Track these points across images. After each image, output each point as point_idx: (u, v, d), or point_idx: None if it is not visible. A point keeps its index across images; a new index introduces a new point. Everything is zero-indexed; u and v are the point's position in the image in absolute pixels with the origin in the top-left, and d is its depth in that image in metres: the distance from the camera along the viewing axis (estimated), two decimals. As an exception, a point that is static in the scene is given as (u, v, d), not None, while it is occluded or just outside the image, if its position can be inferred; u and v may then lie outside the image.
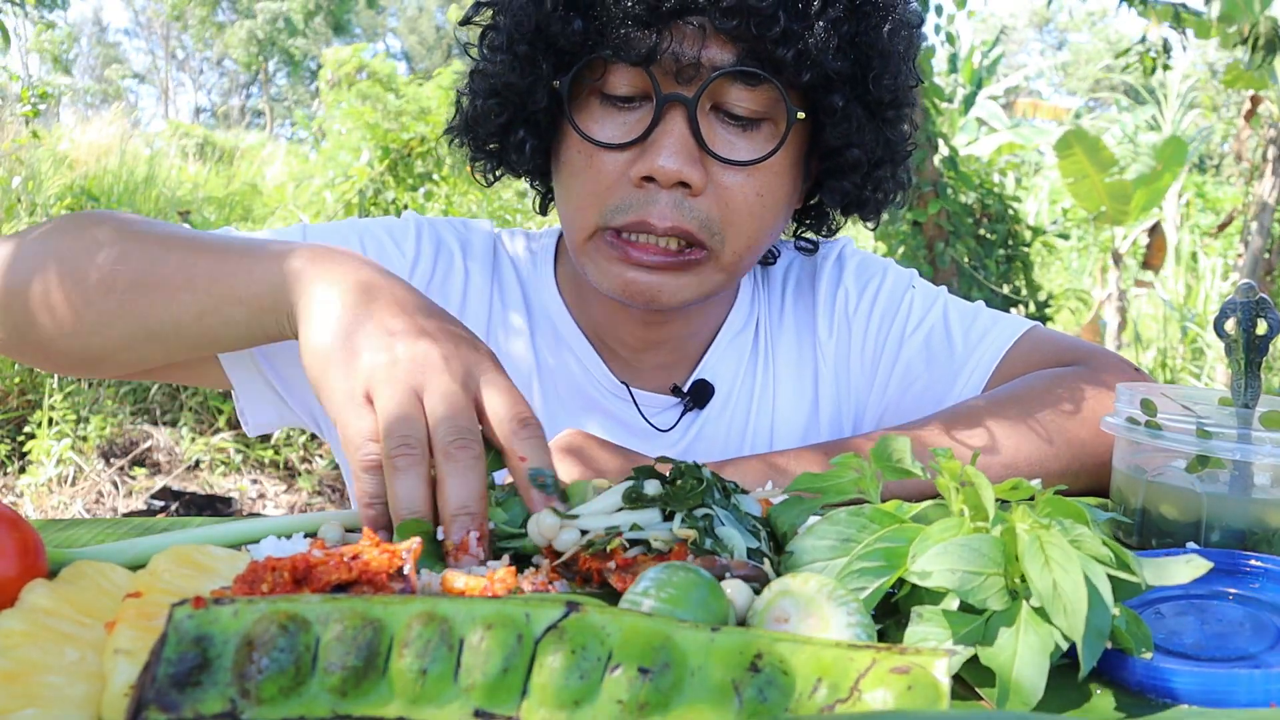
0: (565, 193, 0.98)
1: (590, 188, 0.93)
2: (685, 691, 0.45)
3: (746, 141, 0.92)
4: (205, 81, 38.06)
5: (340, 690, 0.43)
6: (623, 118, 0.92)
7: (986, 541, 0.53)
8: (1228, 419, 0.75)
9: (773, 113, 0.92)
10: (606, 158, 0.92)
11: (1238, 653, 0.56)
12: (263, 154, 11.62)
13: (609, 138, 0.92)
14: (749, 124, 0.92)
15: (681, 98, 0.88)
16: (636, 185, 0.91)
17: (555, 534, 0.62)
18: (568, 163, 0.96)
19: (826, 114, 0.93)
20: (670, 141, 0.88)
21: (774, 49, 0.87)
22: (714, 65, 0.88)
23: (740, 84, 0.89)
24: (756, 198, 0.93)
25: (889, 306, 1.12)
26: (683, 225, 0.91)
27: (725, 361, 1.11)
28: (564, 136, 0.96)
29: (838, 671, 0.45)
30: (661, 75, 0.88)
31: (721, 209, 0.92)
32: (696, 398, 1.09)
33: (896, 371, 1.10)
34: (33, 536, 0.56)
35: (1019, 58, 31.44)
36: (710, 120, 0.91)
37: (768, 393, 1.11)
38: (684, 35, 0.87)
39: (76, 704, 0.44)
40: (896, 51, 0.94)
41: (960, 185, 6.17)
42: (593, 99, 0.93)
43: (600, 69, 0.91)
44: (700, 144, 0.90)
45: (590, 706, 0.44)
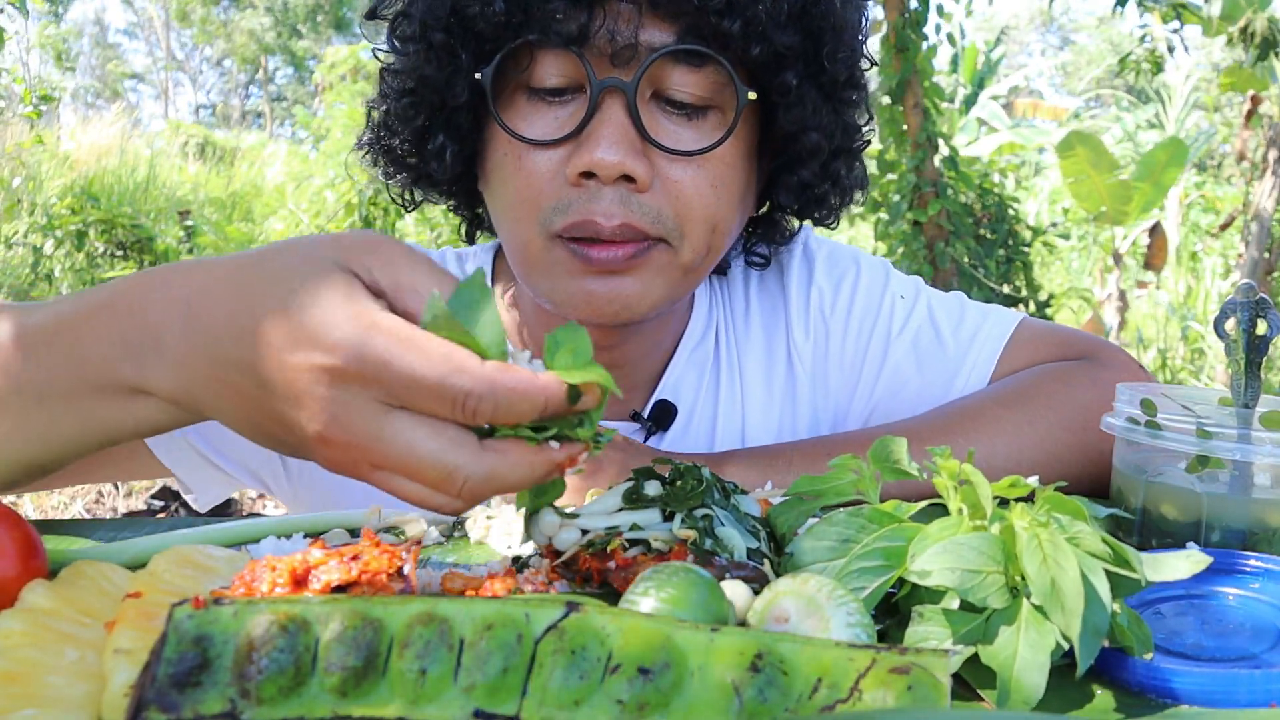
0: (497, 204, 0.89)
1: (523, 193, 0.84)
2: (685, 692, 0.45)
3: (693, 131, 0.84)
4: (205, 81, 38.09)
5: (340, 690, 0.43)
6: (554, 112, 0.83)
7: (985, 540, 0.53)
8: (1228, 419, 0.75)
9: (719, 99, 0.84)
10: (539, 157, 0.83)
11: (1238, 653, 0.56)
12: (263, 154, 11.62)
13: (540, 134, 0.83)
14: (694, 112, 0.84)
15: (619, 83, 0.80)
16: (574, 184, 0.82)
17: (555, 533, 0.62)
18: (496, 168, 0.87)
19: (779, 94, 0.85)
20: (609, 131, 0.80)
21: (718, 22, 0.79)
22: (652, 46, 0.80)
23: (683, 65, 0.81)
24: (711, 190, 0.85)
25: (868, 306, 1.06)
26: (632, 222, 0.82)
27: (686, 377, 1.04)
28: (490, 139, 0.87)
29: (838, 672, 0.45)
30: (595, 59, 0.80)
31: (673, 203, 0.84)
32: (658, 420, 1.01)
33: (884, 375, 1.05)
34: (32, 536, 0.56)
35: (1020, 58, 31.47)
36: (652, 109, 0.83)
37: (734, 403, 1.04)
38: (618, 14, 0.80)
39: (76, 704, 0.44)
40: (850, 24, 0.88)
41: (960, 185, 6.17)
42: (519, 94, 0.84)
43: (526, 58, 0.82)
44: (642, 133, 0.81)
45: (590, 707, 0.44)
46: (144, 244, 6.07)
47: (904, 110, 5.79)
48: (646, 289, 0.86)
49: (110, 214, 5.97)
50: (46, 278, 5.83)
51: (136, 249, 6.04)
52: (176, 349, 0.58)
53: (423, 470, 0.51)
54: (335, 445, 0.52)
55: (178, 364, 0.58)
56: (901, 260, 6.05)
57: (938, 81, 6.01)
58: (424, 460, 0.51)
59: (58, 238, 5.90)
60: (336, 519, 0.74)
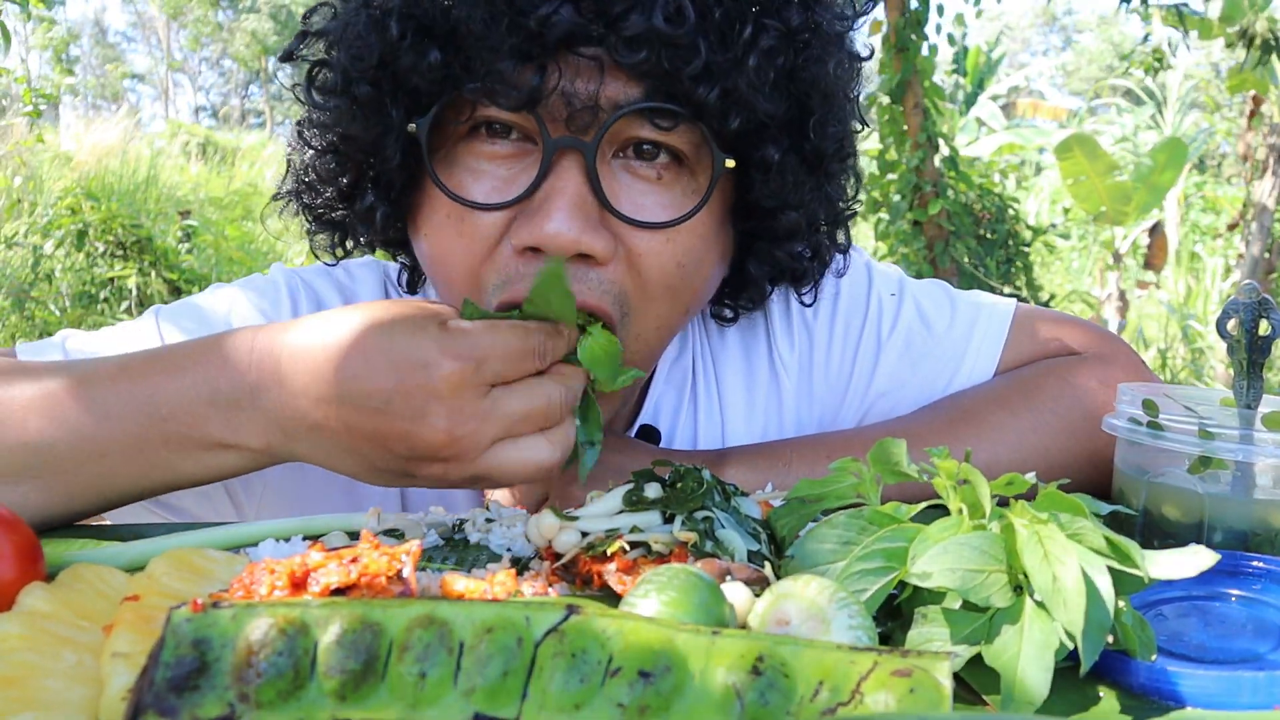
0: (432, 267, 0.79)
1: (460, 259, 0.75)
2: (686, 695, 0.44)
3: (660, 193, 0.74)
4: (204, 81, 38.09)
5: (339, 694, 0.43)
6: (499, 169, 0.74)
7: (986, 539, 0.53)
8: (1230, 420, 0.75)
9: (691, 153, 0.75)
10: (482, 219, 0.73)
11: (1241, 655, 0.55)
12: (263, 154, 11.62)
13: (483, 194, 0.73)
14: (659, 177, 0.75)
15: (576, 144, 0.70)
16: (521, 256, 0.73)
17: (555, 535, 0.62)
18: (432, 230, 0.77)
19: (759, 169, 0.76)
20: (563, 201, 0.70)
21: (693, 88, 0.69)
22: (616, 103, 0.71)
23: (650, 125, 0.72)
24: (676, 267, 0.75)
25: (853, 310, 1.00)
26: (589, 302, 0.72)
27: (665, 400, 0.99)
28: (423, 194, 0.78)
29: (839, 675, 0.45)
30: (549, 116, 0.71)
31: (633, 277, 0.74)
32: None
33: (878, 378, 1.00)
34: (31, 539, 0.56)
35: (1022, 57, 31.45)
36: (614, 168, 0.74)
37: (714, 419, 0.99)
38: (576, 70, 0.70)
39: (74, 708, 0.44)
40: (841, 91, 0.79)
41: (960, 185, 6.17)
42: (458, 145, 0.75)
43: (468, 109, 0.73)
44: (601, 200, 0.72)
45: (590, 710, 0.44)
46: (144, 244, 6.07)
47: (904, 110, 5.79)
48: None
49: (110, 214, 5.97)
50: (46, 278, 5.83)
51: (136, 249, 6.04)
52: (275, 402, 0.66)
53: (531, 415, 0.65)
54: (456, 440, 0.64)
55: (277, 417, 0.67)
56: (902, 260, 6.05)
57: (938, 81, 6.00)
58: (531, 405, 0.65)
59: (58, 238, 5.89)
60: (336, 521, 0.74)
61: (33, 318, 5.66)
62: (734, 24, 0.71)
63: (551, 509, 0.64)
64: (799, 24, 0.74)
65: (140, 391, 0.68)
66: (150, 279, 5.97)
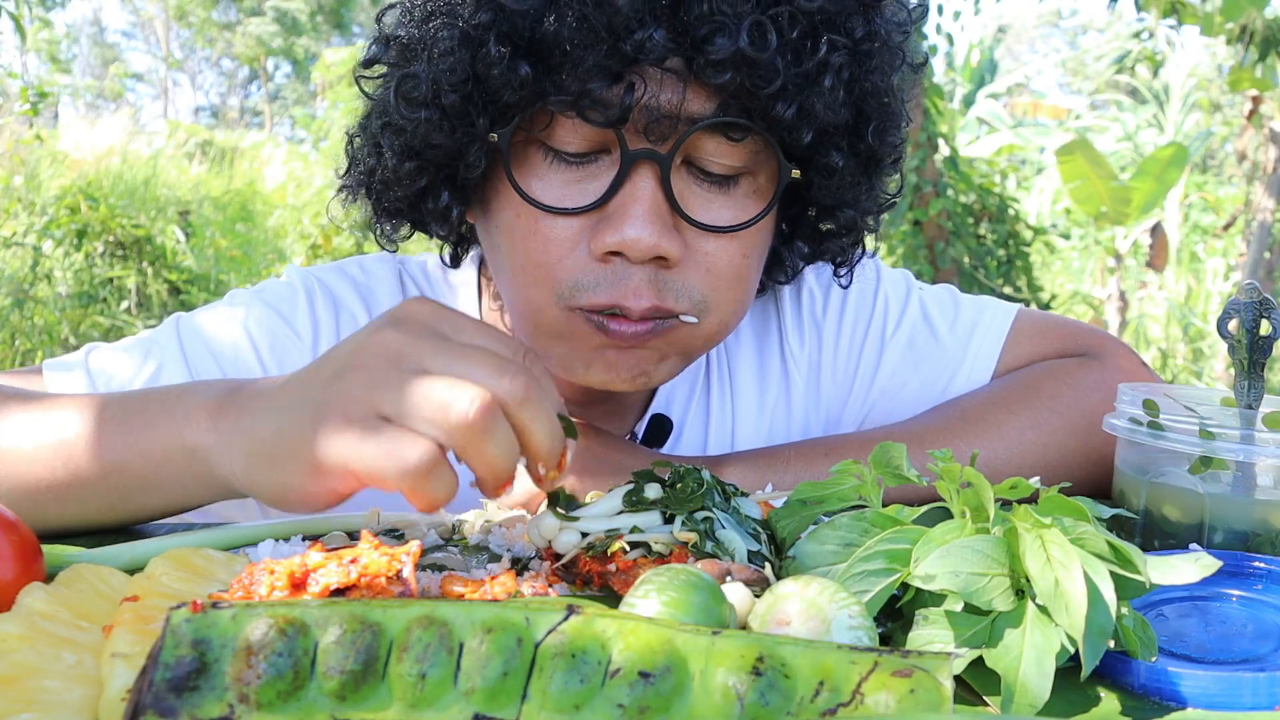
0: (504, 263, 0.82)
1: (539, 261, 0.78)
2: (686, 695, 0.44)
3: (724, 199, 0.79)
4: (203, 81, 38.11)
5: (339, 695, 0.43)
6: (576, 175, 0.77)
7: (989, 542, 0.53)
8: (1230, 420, 0.75)
9: (754, 164, 0.79)
10: (559, 224, 0.77)
11: (1242, 655, 0.55)
12: (262, 154, 11.62)
13: (559, 199, 0.76)
14: (724, 181, 0.78)
15: (653, 155, 0.74)
16: (599, 260, 0.76)
17: (555, 536, 0.62)
18: (506, 228, 0.80)
19: (819, 173, 0.80)
20: (641, 210, 0.74)
21: (770, 105, 0.73)
22: (692, 117, 0.74)
23: (721, 137, 0.75)
24: (744, 260, 0.80)
25: (861, 307, 1.03)
26: (664, 305, 0.77)
27: (678, 391, 1.01)
28: (498, 195, 0.80)
29: (839, 675, 0.45)
30: (628, 129, 0.74)
31: (704, 277, 0.79)
32: (652, 437, 0.99)
33: (880, 377, 1.02)
34: (30, 539, 0.56)
35: (1026, 56, 31.48)
36: (683, 177, 0.77)
37: (725, 414, 1.02)
38: (660, 85, 0.73)
39: (73, 708, 0.44)
40: (899, 98, 0.83)
41: (960, 185, 6.17)
42: (534, 150, 0.77)
43: (546, 117, 0.75)
44: (675, 207, 0.76)
45: (590, 711, 0.44)
46: (143, 244, 6.07)
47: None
48: (662, 359, 0.82)
49: (110, 214, 5.97)
50: (46, 278, 5.83)
51: (136, 249, 6.04)
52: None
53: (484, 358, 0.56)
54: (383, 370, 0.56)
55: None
56: (902, 260, 6.05)
57: (937, 81, 6.00)
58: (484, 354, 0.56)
59: (57, 238, 5.90)
60: (335, 521, 0.74)
61: (32, 318, 5.66)
62: (807, 42, 0.73)
63: (552, 509, 0.64)
64: (862, 36, 0.76)
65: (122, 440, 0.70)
66: (150, 279, 5.97)
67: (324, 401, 0.56)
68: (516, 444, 0.56)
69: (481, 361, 0.55)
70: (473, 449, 0.54)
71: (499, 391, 0.55)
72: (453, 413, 0.53)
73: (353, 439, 0.54)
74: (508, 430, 0.55)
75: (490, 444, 0.54)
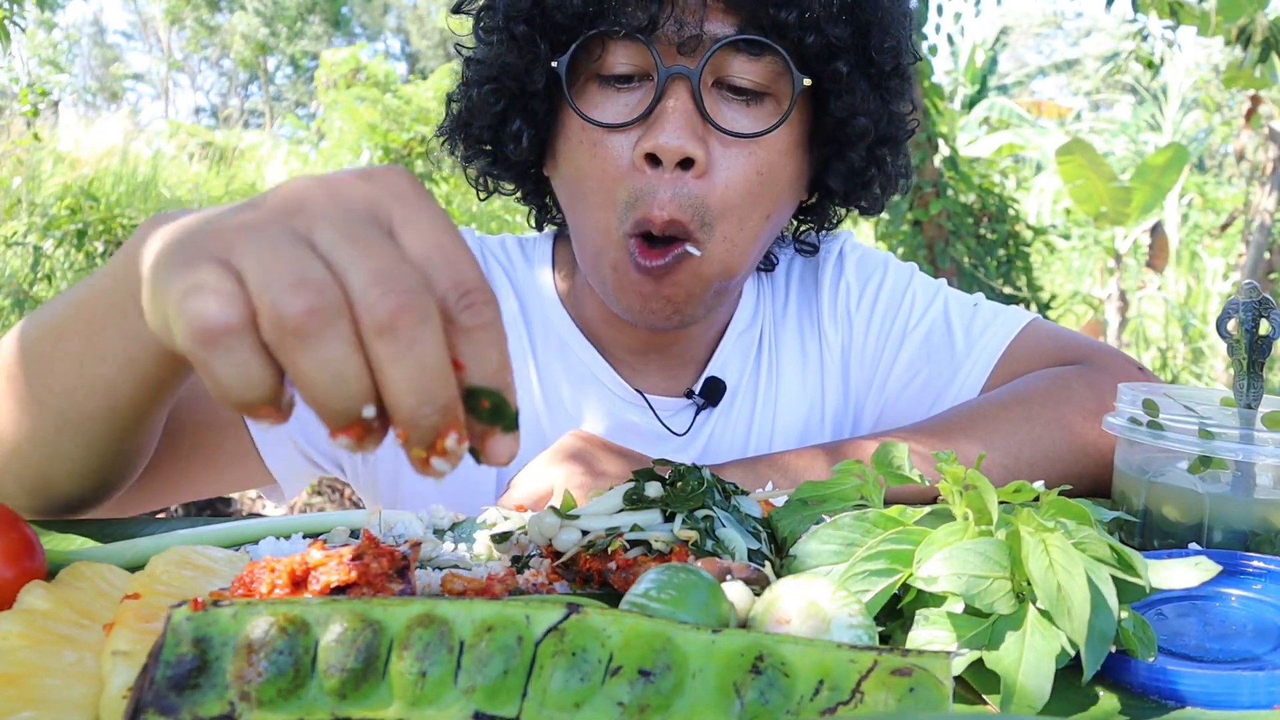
0: (570, 188, 0.95)
1: (597, 175, 0.90)
2: (686, 693, 0.44)
3: (750, 116, 0.90)
4: (203, 82, 38.11)
5: (339, 693, 0.43)
6: (624, 98, 0.90)
7: (992, 545, 0.53)
8: (1230, 419, 0.75)
9: (775, 86, 0.91)
10: (611, 140, 0.90)
11: (1241, 654, 0.55)
12: (260, 154, 11.62)
13: (611, 118, 0.90)
14: (752, 97, 0.90)
15: (684, 70, 0.87)
16: (639, 168, 0.88)
17: (556, 534, 0.62)
18: (569, 152, 0.93)
19: (831, 82, 0.91)
20: (675, 117, 0.87)
21: (776, 13, 0.86)
22: (715, 36, 0.87)
23: (743, 55, 0.88)
24: (757, 176, 0.91)
25: (891, 303, 1.11)
26: (679, 217, 0.88)
27: (732, 360, 1.09)
28: (563, 125, 0.94)
29: (839, 674, 0.45)
30: (662, 49, 0.87)
31: (716, 191, 0.89)
32: (709, 396, 1.07)
33: (897, 368, 1.09)
34: (30, 537, 0.56)
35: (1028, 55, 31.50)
36: (713, 95, 0.90)
37: (771, 391, 1.10)
38: (684, 6, 0.87)
39: (74, 706, 0.44)
40: (896, 18, 0.94)
41: (960, 185, 6.17)
42: (591, 83, 0.91)
43: (598, 49, 0.90)
44: (705, 117, 0.88)
45: (591, 708, 0.44)
46: (143, 244, 6.06)
47: (904, 110, 5.78)
48: (690, 292, 0.92)
49: (110, 214, 5.97)
50: (46, 278, 5.83)
51: (136, 249, 6.04)
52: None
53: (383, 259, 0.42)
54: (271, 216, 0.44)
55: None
56: (901, 260, 6.03)
57: (936, 81, 6.00)
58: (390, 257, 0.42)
59: (57, 238, 5.89)
60: (337, 519, 0.74)
61: (32, 317, 5.65)
62: None
63: (552, 509, 0.64)
64: None
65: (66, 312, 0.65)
66: (150, 278, 5.97)
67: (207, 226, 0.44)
68: (359, 377, 0.41)
69: (372, 259, 0.41)
70: (287, 354, 0.40)
71: (360, 303, 0.41)
72: (275, 295, 0.40)
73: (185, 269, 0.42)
74: (345, 351, 0.40)
75: (306, 357, 0.40)
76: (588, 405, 1.05)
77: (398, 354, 0.40)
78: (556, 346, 1.07)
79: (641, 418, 1.05)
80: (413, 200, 0.45)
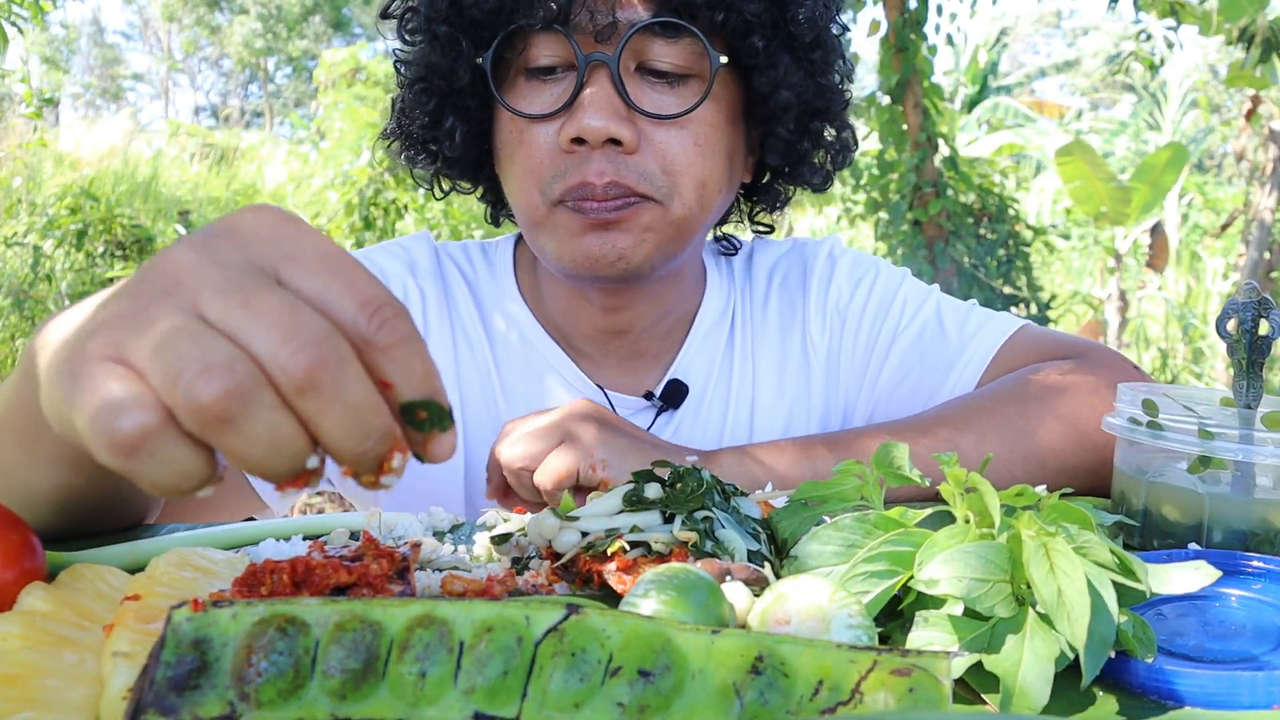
0: (507, 177, 0.98)
1: (526, 164, 0.93)
2: (685, 694, 0.44)
3: (674, 97, 0.92)
4: (203, 82, 38.07)
5: (339, 693, 0.43)
6: (549, 89, 0.92)
7: (993, 549, 0.53)
8: (1229, 419, 0.75)
9: (697, 67, 0.92)
10: (538, 130, 0.92)
11: (1240, 654, 0.55)
12: (261, 154, 11.62)
13: (538, 109, 0.92)
14: (676, 79, 0.92)
15: (602, 58, 0.89)
16: (567, 151, 0.90)
17: (555, 535, 0.62)
18: (503, 145, 0.96)
19: (749, 57, 0.93)
20: (595, 101, 0.88)
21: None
22: (630, 22, 0.89)
23: (660, 38, 0.90)
24: (695, 148, 0.92)
25: (882, 303, 1.11)
26: (620, 179, 0.89)
27: (698, 359, 1.09)
28: (496, 120, 0.97)
29: (839, 674, 0.45)
30: (581, 38, 0.89)
31: (661, 162, 0.91)
32: (670, 399, 1.07)
33: (888, 367, 1.09)
34: (31, 539, 0.56)
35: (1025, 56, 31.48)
36: (636, 80, 0.91)
37: (745, 389, 1.09)
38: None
39: (74, 707, 0.44)
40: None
41: (960, 185, 6.17)
42: (519, 77, 0.93)
43: (521, 43, 0.92)
44: (626, 100, 0.90)
45: (590, 709, 0.44)
46: (144, 244, 6.07)
47: (904, 110, 5.79)
48: (639, 242, 0.93)
49: (110, 214, 5.97)
50: (46, 278, 5.83)
51: (136, 249, 6.04)
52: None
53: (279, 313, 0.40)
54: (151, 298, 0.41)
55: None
56: (901, 260, 6.04)
57: (936, 81, 6.00)
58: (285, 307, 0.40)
59: (57, 238, 5.89)
60: (336, 521, 0.74)
61: (33, 318, 5.65)
62: None
63: (551, 510, 0.64)
64: None
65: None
66: (150, 279, 5.96)
67: (90, 324, 0.42)
68: (293, 437, 0.40)
69: (271, 318, 0.40)
70: (214, 438, 0.39)
71: (272, 367, 0.39)
72: (185, 386, 0.38)
73: (80, 380, 0.40)
74: (273, 419, 0.39)
75: (235, 436, 0.39)
76: (549, 401, 1.05)
77: (325, 406, 0.40)
78: (519, 343, 1.07)
79: None
80: (288, 236, 0.43)
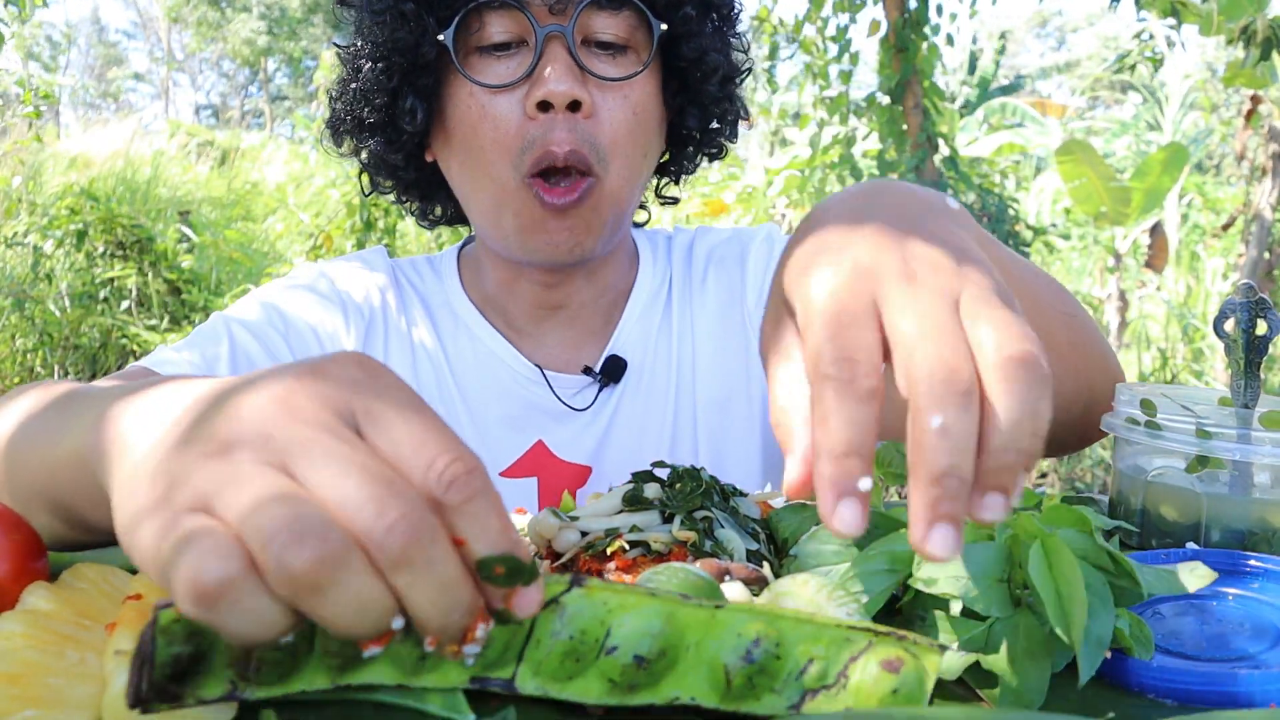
0: (467, 157, 1.02)
1: (493, 135, 0.99)
2: (678, 669, 0.46)
3: (617, 65, 1.01)
4: (204, 82, 38.06)
5: (339, 666, 0.44)
6: (504, 64, 1.00)
7: (992, 549, 0.53)
8: (1227, 419, 0.75)
9: (634, 38, 1.02)
10: (499, 100, 0.98)
11: (1238, 653, 0.55)
12: (262, 154, 11.62)
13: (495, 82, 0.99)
14: (617, 50, 1.01)
15: (559, 29, 0.98)
16: (532, 117, 0.97)
17: (555, 535, 0.62)
18: (463, 121, 1.01)
19: (682, 25, 1.03)
20: (558, 68, 0.97)
21: None
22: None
23: (605, 11, 1.00)
24: (634, 116, 1.01)
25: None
26: (579, 148, 0.97)
27: (636, 334, 1.15)
28: (452, 99, 1.02)
29: (830, 653, 0.45)
30: (536, 13, 0.98)
31: (605, 129, 0.99)
32: (610, 374, 1.12)
33: None
34: (33, 538, 0.57)
35: (1021, 58, 31.49)
36: (584, 51, 1.00)
37: (686, 361, 1.15)
38: None
39: (77, 706, 0.44)
40: None
41: (960, 185, 6.16)
42: (472, 56, 1.00)
43: (476, 22, 0.99)
44: (581, 68, 0.98)
45: (583, 680, 0.45)
46: (144, 244, 6.07)
47: (904, 110, 5.79)
48: (590, 224, 1.01)
49: (110, 214, 5.96)
50: (46, 278, 5.83)
51: (136, 249, 6.04)
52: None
53: (373, 479, 0.39)
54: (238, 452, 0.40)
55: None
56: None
57: (937, 81, 6.00)
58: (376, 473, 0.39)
59: (57, 238, 5.89)
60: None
61: (33, 318, 5.65)
62: None
63: (551, 510, 0.64)
64: None
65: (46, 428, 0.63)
66: (150, 279, 5.97)
67: (166, 467, 0.41)
68: (381, 603, 0.39)
69: (365, 492, 0.39)
70: (301, 603, 0.38)
71: (367, 539, 0.39)
72: (278, 551, 0.37)
73: (160, 527, 0.39)
74: (364, 587, 0.39)
75: (324, 602, 0.38)
76: (493, 387, 1.12)
77: (416, 580, 0.39)
78: (466, 337, 1.14)
79: (543, 396, 1.11)
80: (370, 388, 0.43)
